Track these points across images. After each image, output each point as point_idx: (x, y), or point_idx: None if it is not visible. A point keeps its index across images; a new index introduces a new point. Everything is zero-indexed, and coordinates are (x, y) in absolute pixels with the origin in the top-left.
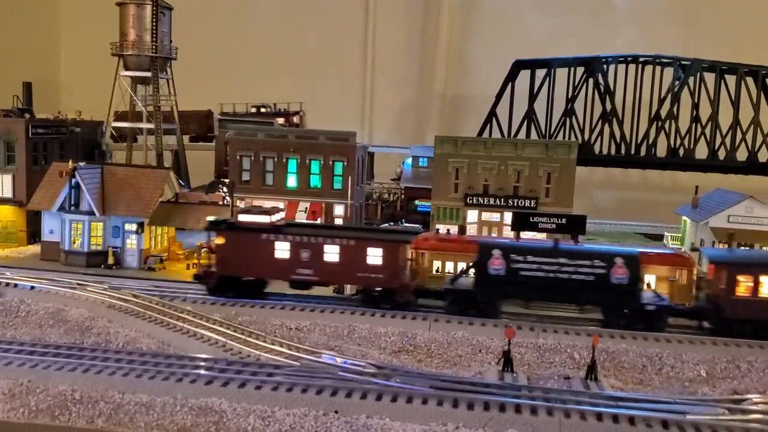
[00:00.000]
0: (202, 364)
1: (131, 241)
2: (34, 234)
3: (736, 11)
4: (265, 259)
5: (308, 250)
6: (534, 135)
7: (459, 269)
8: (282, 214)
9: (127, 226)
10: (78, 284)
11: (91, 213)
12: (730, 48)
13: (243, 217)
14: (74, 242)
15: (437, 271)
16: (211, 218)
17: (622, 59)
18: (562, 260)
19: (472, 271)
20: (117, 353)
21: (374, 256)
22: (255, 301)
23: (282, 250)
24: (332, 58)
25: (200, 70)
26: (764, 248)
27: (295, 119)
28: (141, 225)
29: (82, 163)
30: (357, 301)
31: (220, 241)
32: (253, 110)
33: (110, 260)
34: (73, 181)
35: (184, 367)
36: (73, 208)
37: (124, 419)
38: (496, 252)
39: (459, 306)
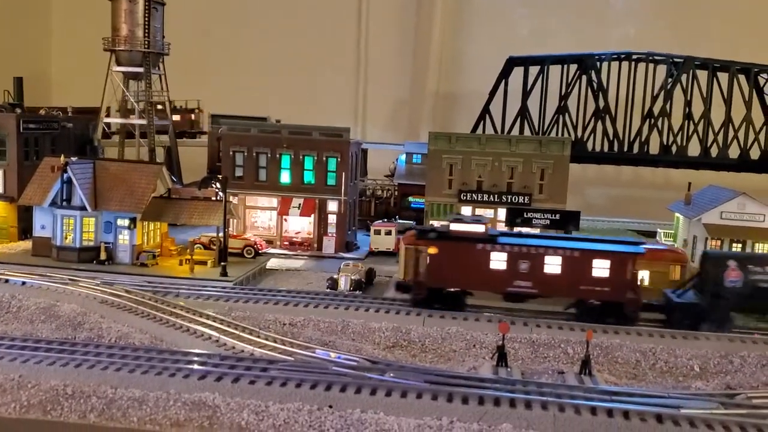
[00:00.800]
0: (196, 359)
1: (123, 237)
2: (25, 230)
3: (729, 9)
4: (479, 270)
5: (527, 261)
6: (527, 132)
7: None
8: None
9: (120, 222)
10: (70, 280)
11: (83, 208)
12: (723, 46)
13: (455, 226)
14: (66, 238)
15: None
16: (417, 227)
17: (615, 56)
18: None
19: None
20: (109, 348)
21: (601, 268)
22: (248, 297)
23: (498, 261)
24: (326, 55)
25: (194, 67)
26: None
27: (192, 116)
28: (133, 220)
29: (73, 158)
30: (572, 315)
31: (432, 251)
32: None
33: (102, 256)
34: (65, 176)
35: (177, 362)
36: (64, 203)
37: (117, 414)
38: (732, 263)
39: (688, 320)
